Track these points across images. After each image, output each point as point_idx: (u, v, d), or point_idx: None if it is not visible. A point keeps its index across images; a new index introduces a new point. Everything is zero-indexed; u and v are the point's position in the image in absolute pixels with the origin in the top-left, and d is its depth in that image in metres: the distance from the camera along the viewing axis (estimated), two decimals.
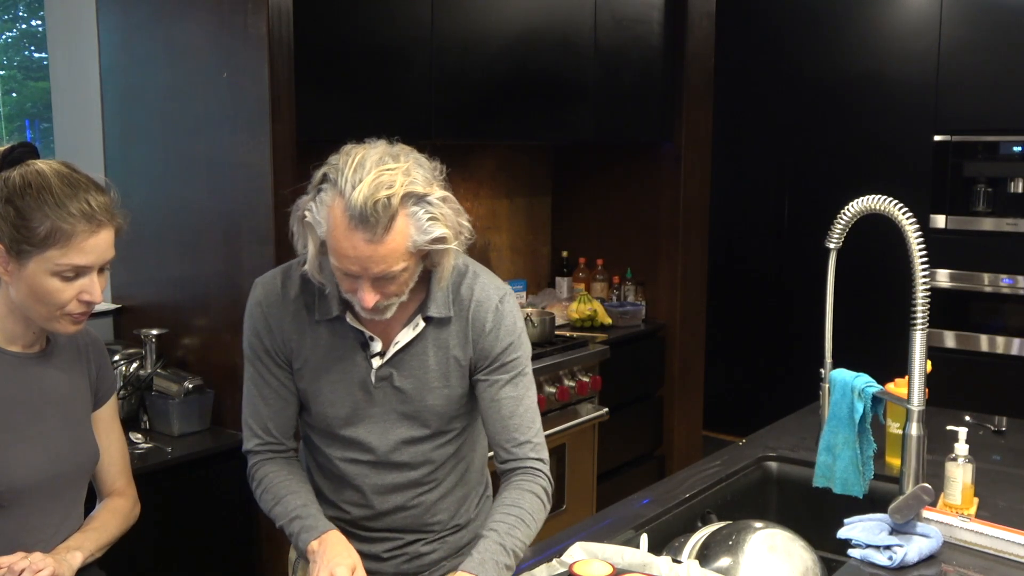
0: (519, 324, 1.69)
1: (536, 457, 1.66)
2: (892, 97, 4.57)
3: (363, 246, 1.44)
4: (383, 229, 1.44)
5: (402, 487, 1.71)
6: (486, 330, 1.65)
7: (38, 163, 1.54)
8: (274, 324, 1.66)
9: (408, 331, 1.64)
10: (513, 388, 1.67)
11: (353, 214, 1.43)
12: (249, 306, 1.69)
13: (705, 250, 4.22)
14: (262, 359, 1.68)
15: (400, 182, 1.44)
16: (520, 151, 4.12)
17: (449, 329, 1.66)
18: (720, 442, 3.70)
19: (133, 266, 2.89)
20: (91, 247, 1.52)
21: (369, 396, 1.66)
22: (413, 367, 1.65)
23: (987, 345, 4.33)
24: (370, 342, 1.65)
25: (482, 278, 1.69)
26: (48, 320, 1.55)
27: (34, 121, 3.12)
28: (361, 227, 1.43)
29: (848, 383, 1.88)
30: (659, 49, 3.95)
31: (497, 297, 1.67)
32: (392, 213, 1.43)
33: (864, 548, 1.70)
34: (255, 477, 1.71)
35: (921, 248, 1.71)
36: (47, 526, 1.60)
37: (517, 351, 1.68)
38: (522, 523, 1.59)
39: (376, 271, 1.47)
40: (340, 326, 1.64)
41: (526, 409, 1.67)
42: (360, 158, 1.46)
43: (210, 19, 2.58)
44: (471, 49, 3.15)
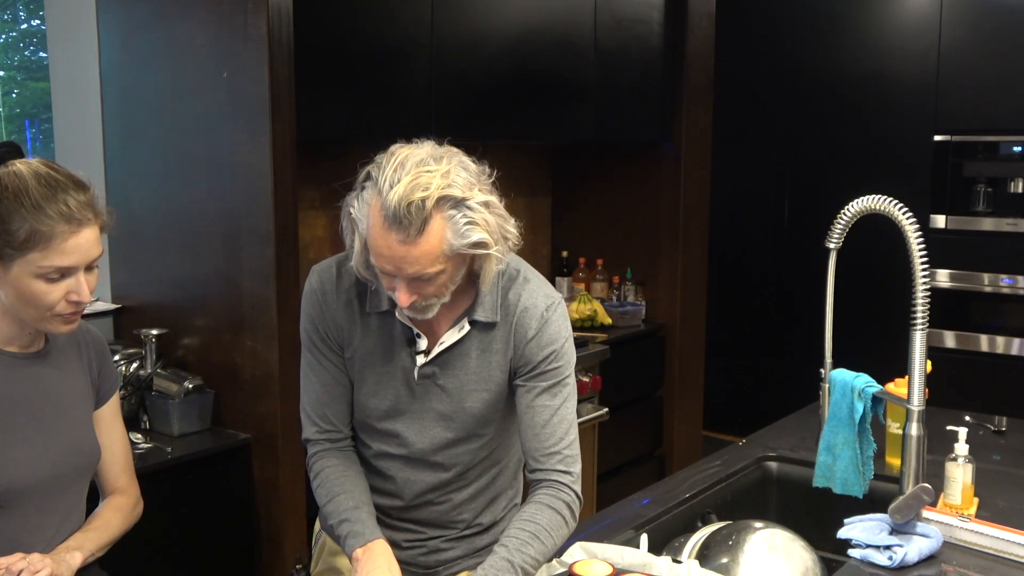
0: (564, 333, 1.66)
1: (564, 470, 1.63)
2: (892, 97, 4.57)
3: (397, 246, 1.45)
4: (416, 231, 1.43)
5: (433, 486, 1.72)
6: (528, 336, 1.64)
7: (17, 164, 1.52)
8: (328, 312, 1.67)
9: (454, 332, 1.64)
10: (550, 397, 1.65)
11: (388, 214, 1.43)
12: (305, 293, 1.71)
13: (705, 250, 4.21)
14: (318, 346, 1.69)
15: (437, 184, 1.44)
16: (520, 151, 4.12)
17: (495, 334, 1.65)
18: (720, 442, 3.70)
19: (133, 266, 2.89)
20: (72, 248, 1.50)
21: (411, 392, 1.66)
22: (456, 368, 1.65)
23: (987, 345, 4.33)
24: (417, 339, 1.65)
25: (532, 284, 1.67)
26: (39, 321, 1.55)
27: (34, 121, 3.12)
28: (395, 227, 1.44)
29: (848, 383, 1.88)
30: (659, 49, 3.95)
31: (544, 305, 1.65)
32: (426, 216, 1.43)
33: (864, 548, 1.70)
34: (313, 469, 1.71)
35: (921, 248, 1.71)
36: (47, 526, 1.60)
37: (559, 360, 1.65)
38: (536, 539, 1.56)
39: (410, 272, 1.47)
40: (389, 320, 1.66)
41: (561, 420, 1.65)
42: (403, 158, 1.46)
43: (210, 19, 2.58)
44: (471, 49, 3.15)
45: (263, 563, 2.65)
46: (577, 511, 1.64)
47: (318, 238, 3.21)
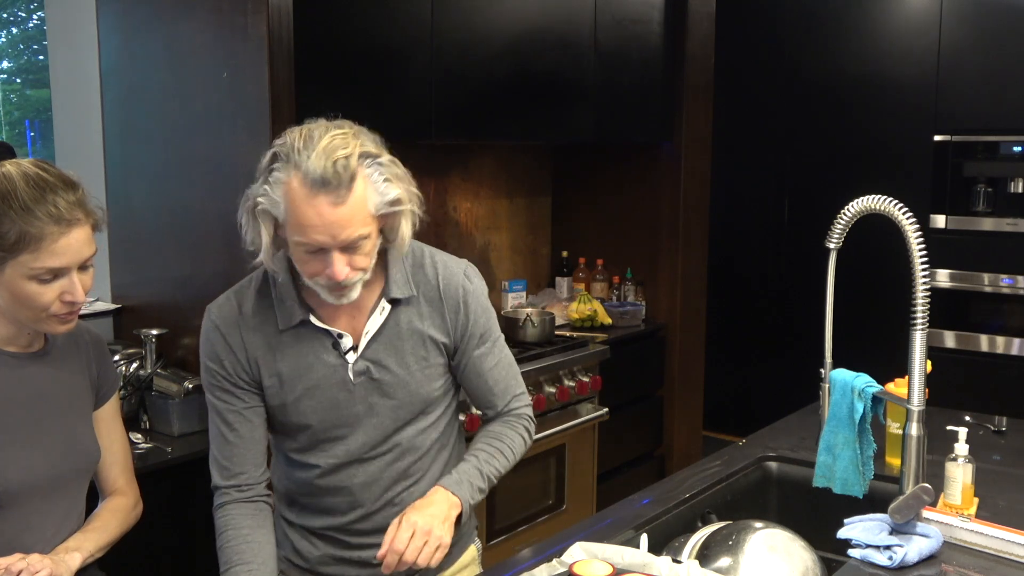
0: (484, 292, 1.75)
1: (520, 405, 1.79)
2: (892, 97, 4.56)
3: (328, 210, 1.45)
4: (345, 189, 1.46)
5: (389, 481, 1.71)
6: (460, 308, 1.70)
7: (7, 165, 1.52)
8: (235, 344, 1.64)
9: (376, 317, 1.65)
10: (494, 356, 1.75)
11: (314, 179, 1.44)
12: (204, 332, 1.67)
13: (705, 250, 4.21)
14: (224, 386, 1.66)
15: (353, 144, 1.49)
16: (520, 151, 4.12)
17: (418, 309, 1.68)
18: (720, 442, 3.69)
19: (133, 266, 2.89)
20: (63, 248, 1.49)
21: (350, 395, 1.66)
22: (388, 354, 1.66)
23: (987, 345, 4.33)
24: (340, 340, 1.65)
25: (440, 255, 1.73)
26: (35, 322, 1.55)
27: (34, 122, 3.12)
28: (323, 191, 1.45)
29: (848, 383, 1.88)
30: (659, 49, 3.95)
31: (460, 270, 1.72)
32: (352, 173, 1.46)
33: (864, 548, 1.70)
34: (217, 524, 1.68)
35: (921, 248, 1.71)
36: (47, 527, 1.60)
37: (489, 319, 1.75)
38: (501, 455, 1.72)
39: (343, 236, 1.48)
40: (306, 332, 1.64)
41: (507, 369, 1.78)
42: (308, 131, 1.50)
43: (210, 19, 2.58)
44: (471, 49, 3.15)
45: None
46: (533, 431, 1.82)
47: None
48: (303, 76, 2.56)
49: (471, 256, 3.91)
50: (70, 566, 1.56)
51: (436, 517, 1.57)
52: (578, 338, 3.56)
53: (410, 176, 1.59)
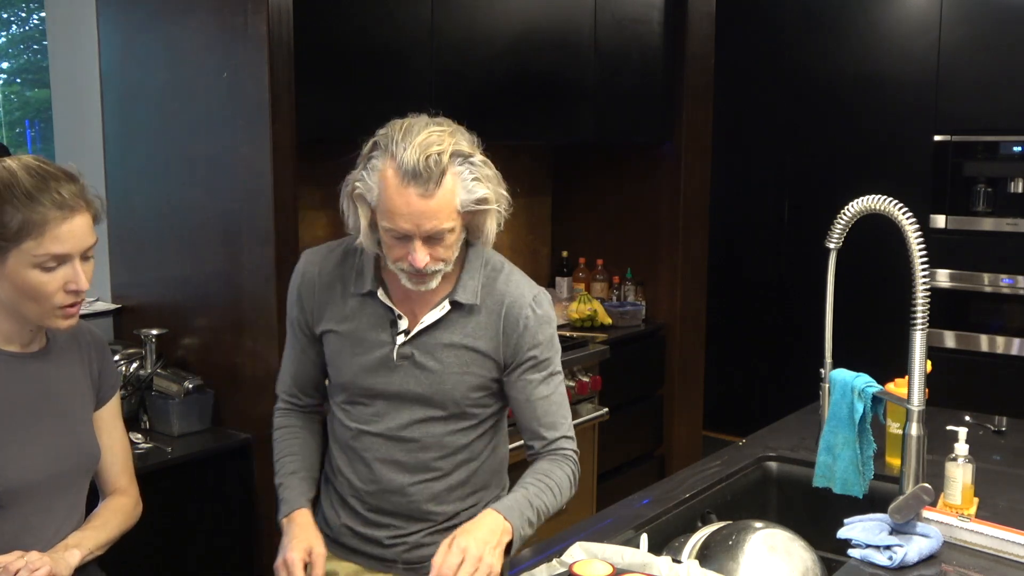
0: (552, 325, 1.75)
1: (567, 446, 1.75)
2: (892, 97, 4.57)
3: (416, 201, 1.53)
4: (435, 184, 1.54)
5: (407, 468, 1.74)
6: (519, 328, 1.70)
7: (7, 160, 1.54)
8: (306, 295, 1.76)
9: (435, 312, 1.69)
10: (547, 387, 1.73)
11: (407, 170, 1.53)
12: (294, 274, 1.80)
13: (705, 250, 4.21)
14: (292, 325, 1.80)
15: (448, 141, 1.57)
16: (520, 151, 4.12)
17: (477, 319, 1.71)
18: (720, 442, 3.69)
19: (133, 266, 2.89)
20: (66, 234, 1.50)
21: (389, 372, 1.71)
22: (434, 349, 1.70)
23: (987, 345, 4.33)
24: (398, 320, 1.71)
25: (516, 276, 1.76)
26: (39, 317, 1.55)
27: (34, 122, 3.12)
28: (414, 183, 1.53)
29: (848, 383, 1.88)
30: (659, 49, 3.95)
31: (531, 295, 1.73)
32: (443, 169, 1.54)
33: (864, 548, 1.70)
34: (274, 424, 1.87)
35: (921, 248, 1.71)
36: (47, 526, 1.60)
37: (549, 351, 1.74)
38: (551, 492, 1.68)
39: (428, 227, 1.55)
40: (371, 303, 1.72)
41: (559, 406, 1.75)
42: (408, 124, 1.59)
43: (210, 19, 2.58)
44: (471, 49, 3.15)
45: (263, 563, 2.65)
46: (577, 482, 1.76)
47: (318, 238, 3.21)
48: (303, 76, 2.56)
49: None
50: (69, 563, 1.56)
51: (487, 543, 1.54)
52: (578, 338, 3.56)
53: (500, 178, 1.67)
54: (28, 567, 1.46)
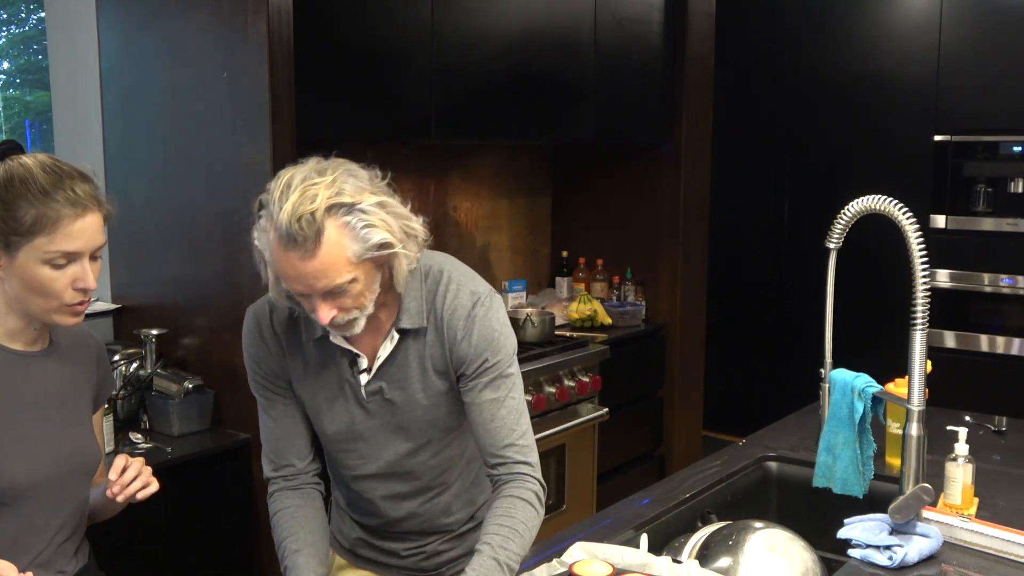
0: (495, 327, 1.64)
1: (522, 460, 1.62)
2: (892, 97, 4.56)
3: (298, 264, 1.45)
4: (312, 244, 1.43)
5: (411, 495, 1.73)
6: (458, 338, 1.62)
7: (22, 157, 1.55)
8: (267, 349, 1.68)
9: (387, 344, 1.64)
10: (493, 391, 1.63)
11: (282, 235, 1.44)
12: (244, 333, 1.72)
13: (705, 250, 4.21)
14: (264, 385, 1.71)
15: (324, 195, 1.44)
16: (520, 151, 4.12)
17: (427, 339, 1.64)
18: (720, 442, 3.69)
19: (133, 266, 2.89)
20: (78, 232, 1.51)
21: (364, 410, 1.67)
22: (399, 380, 1.65)
23: (987, 345, 4.33)
24: (357, 359, 1.65)
25: (455, 284, 1.65)
26: (46, 313, 1.55)
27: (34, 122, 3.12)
28: (291, 247, 1.44)
29: (848, 383, 1.88)
30: (659, 49, 3.95)
31: (470, 303, 1.63)
32: (318, 227, 1.43)
33: (864, 548, 1.70)
34: (271, 509, 1.74)
35: (921, 248, 1.71)
36: (50, 526, 1.60)
37: (496, 355, 1.63)
38: (516, 534, 1.55)
39: (320, 286, 1.47)
40: (328, 346, 1.65)
41: (509, 411, 1.63)
42: (288, 178, 1.47)
43: (210, 19, 2.58)
44: (471, 49, 3.15)
45: (263, 563, 2.65)
46: (543, 499, 1.63)
47: None
48: (303, 76, 2.56)
49: (471, 256, 3.91)
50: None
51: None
52: (578, 338, 3.56)
53: (406, 213, 1.55)
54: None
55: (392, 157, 3.58)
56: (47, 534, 1.59)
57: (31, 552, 1.57)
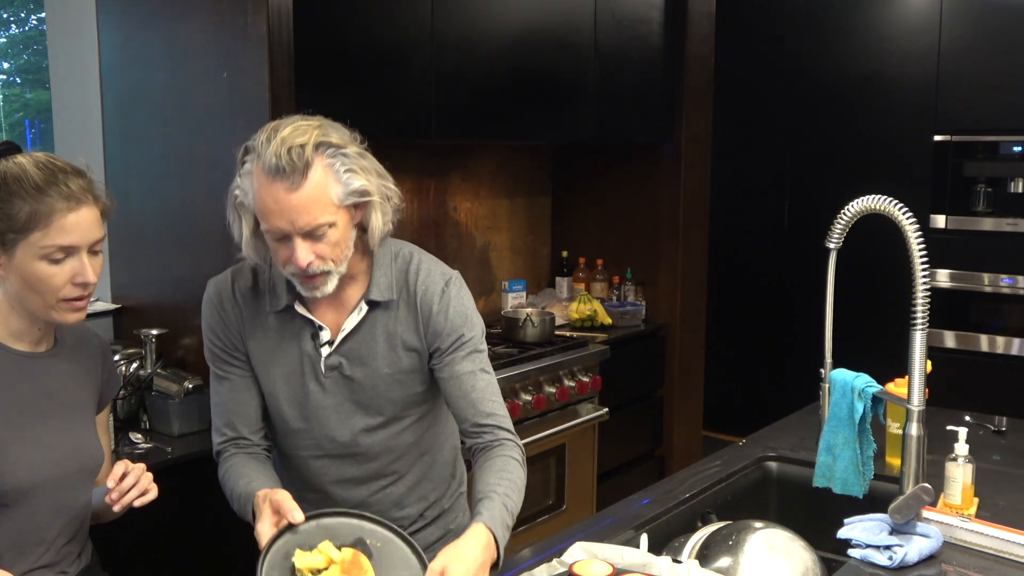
0: (468, 304, 1.71)
1: (507, 428, 1.68)
2: (892, 97, 4.57)
3: (283, 196, 1.50)
4: (300, 175, 1.49)
5: (363, 480, 1.73)
6: (434, 312, 1.67)
7: (17, 156, 1.55)
8: (226, 318, 1.70)
9: (354, 316, 1.66)
10: (471, 363, 1.68)
11: (270, 167, 1.49)
12: (203, 303, 1.74)
13: (705, 250, 4.21)
14: (220, 356, 1.72)
15: (312, 134, 1.52)
16: (520, 151, 4.12)
17: (396, 314, 1.68)
18: (720, 442, 3.70)
19: (133, 266, 2.89)
20: (72, 225, 1.51)
21: (320, 386, 1.67)
22: (362, 355, 1.67)
23: (987, 345, 4.33)
24: (319, 332, 1.67)
25: (426, 264, 1.71)
26: (47, 310, 1.54)
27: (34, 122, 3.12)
28: (279, 177, 1.49)
29: (848, 383, 1.88)
30: (659, 49, 3.95)
31: (443, 281, 1.70)
32: (307, 160, 1.50)
33: (864, 548, 1.70)
34: (220, 471, 1.71)
35: (921, 248, 1.71)
36: (52, 527, 1.59)
37: (471, 331, 1.69)
38: (515, 489, 1.61)
39: (302, 223, 1.51)
40: (290, 318, 1.67)
41: (487, 384, 1.68)
42: (275, 125, 1.56)
43: (210, 19, 2.58)
44: (471, 49, 3.15)
45: None
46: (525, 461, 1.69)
47: None
48: (303, 76, 2.56)
49: (471, 256, 3.92)
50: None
51: (481, 568, 1.46)
52: (578, 338, 3.56)
53: (384, 171, 1.62)
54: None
55: (392, 157, 3.59)
56: (50, 535, 1.59)
57: (34, 554, 1.56)
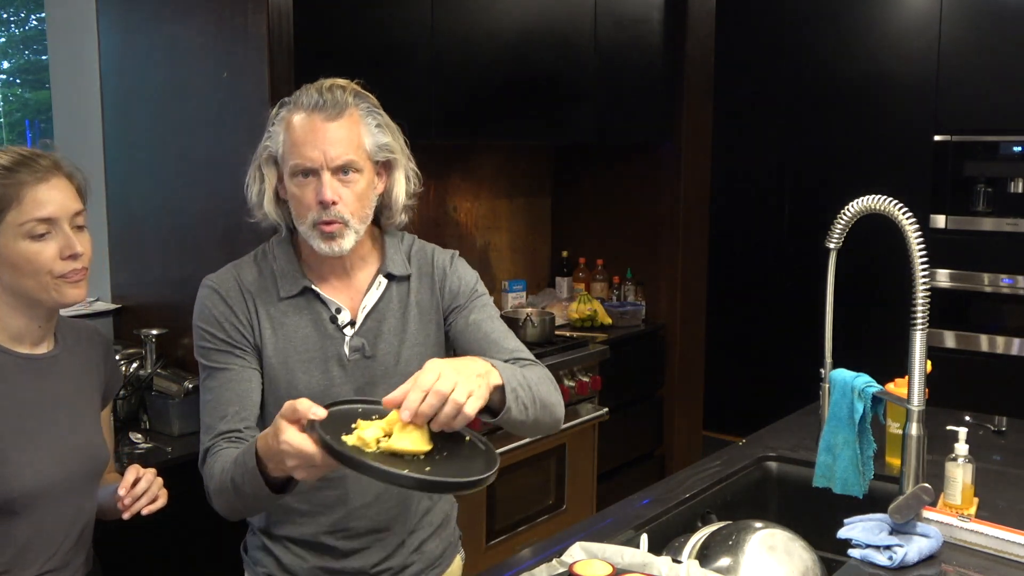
0: (472, 271, 1.78)
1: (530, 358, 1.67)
2: (892, 97, 4.57)
3: (321, 124, 1.55)
4: (338, 110, 1.57)
5: None
6: (447, 273, 1.73)
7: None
8: (236, 306, 1.64)
9: (373, 292, 1.67)
10: (486, 312, 1.72)
11: (310, 103, 1.57)
12: (201, 299, 1.66)
13: (705, 250, 4.21)
14: (222, 349, 1.61)
15: (351, 85, 1.63)
16: (520, 151, 4.12)
17: (412, 287, 1.71)
18: (720, 442, 3.69)
19: (133, 266, 2.89)
20: (46, 197, 1.51)
21: (344, 372, 1.64)
22: (383, 331, 1.66)
23: (987, 345, 4.33)
24: (338, 315, 1.65)
25: (427, 244, 1.78)
26: (45, 291, 1.52)
27: (34, 122, 3.12)
28: (318, 110, 1.56)
29: (848, 383, 1.88)
30: (659, 49, 3.95)
31: (448, 254, 1.77)
32: (346, 100, 1.58)
33: (864, 548, 1.70)
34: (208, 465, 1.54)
35: (921, 248, 1.71)
36: (58, 531, 1.57)
37: (483, 288, 1.76)
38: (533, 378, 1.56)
39: (334, 153, 1.55)
40: (306, 303, 1.65)
41: (505, 328, 1.71)
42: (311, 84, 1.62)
43: (210, 19, 2.58)
44: (471, 49, 3.15)
45: None
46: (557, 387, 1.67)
47: None
48: (303, 76, 2.56)
49: (471, 256, 3.90)
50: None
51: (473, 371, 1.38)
52: (578, 338, 3.56)
53: (409, 152, 1.71)
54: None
55: None
56: (56, 540, 1.57)
57: (39, 559, 1.54)
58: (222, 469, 1.50)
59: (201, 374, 1.65)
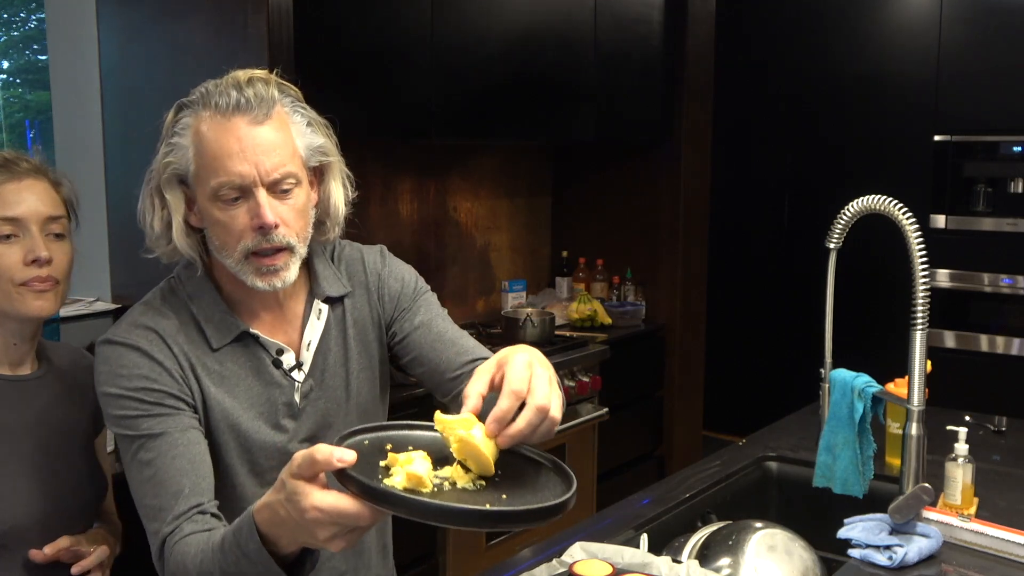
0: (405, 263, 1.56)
1: None
2: (892, 97, 4.57)
3: (247, 130, 1.26)
4: (264, 109, 1.28)
5: None
6: (383, 276, 1.50)
7: None
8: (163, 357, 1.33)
9: (315, 323, 1.43)
10: (436, 308, 1.52)
11: (226, 104, 1.28)
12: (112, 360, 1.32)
13: (705, 250, 4.21)
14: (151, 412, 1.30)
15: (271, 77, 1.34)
16: (520, 151, 4.12)
17: (345, 305, 1.47)
18: (720, 442, 3.69)
19: (133, 266, 2.89)
20: (15, 197, 1.42)
21: (295, 420, 1.41)
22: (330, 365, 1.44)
23: (987, 345, 4.33)
24: (280, 357, 1.41)
25: (351, 243, 1.54)
26: (7, 300, 1.42)
27: (34, 122, 3.12)
28: (239, 112, 1.27)
29: (848, 383, 1.88)
30: (659, 49, 3.95)
31: (376, 250, 1.55)
32: (271, 95, 1.30)
33: (864, 548, 1.70)
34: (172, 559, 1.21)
35: (921, 248, 1.71)
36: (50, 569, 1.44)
37: (420, 281, 1.55)
38: None
39: (270, 165, 1.27)
40: (243, 349, 1.38)
41: (455, 327, 1.51)
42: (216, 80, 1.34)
43: (210, 19, 2.58)
44: (471, 49, 3.15)
45: None
46: None
47: None
48: (303, 76, 2.56)
49: (471, 256, 3.91)
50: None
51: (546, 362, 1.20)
52: (578, 338, 3.56)
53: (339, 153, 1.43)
54: None
55: (392, 157, 3.60)
56: None
57: None
58: (200, 561, 1.18)
59: (126, 448, 1.31)
